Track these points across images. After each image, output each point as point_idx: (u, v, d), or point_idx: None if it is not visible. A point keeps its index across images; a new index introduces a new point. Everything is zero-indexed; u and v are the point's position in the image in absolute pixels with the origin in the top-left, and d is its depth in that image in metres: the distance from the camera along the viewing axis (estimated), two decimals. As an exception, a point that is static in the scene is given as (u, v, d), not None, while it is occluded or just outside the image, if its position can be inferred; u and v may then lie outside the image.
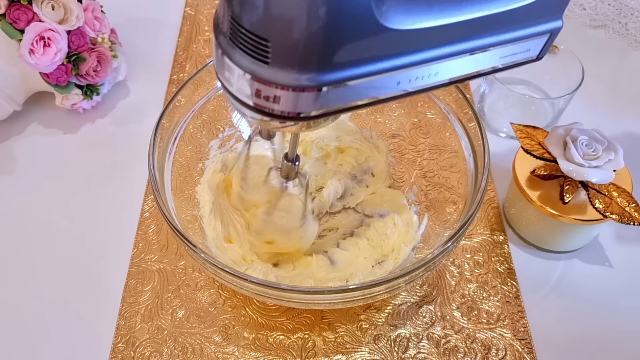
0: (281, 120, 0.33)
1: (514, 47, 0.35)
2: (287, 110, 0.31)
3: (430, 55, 0.32)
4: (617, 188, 0.50)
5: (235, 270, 0.41)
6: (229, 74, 0.31)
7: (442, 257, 0.43)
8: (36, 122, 0.67)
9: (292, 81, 0.29)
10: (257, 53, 0.29)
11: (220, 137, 0.58)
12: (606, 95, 0.70)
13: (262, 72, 0.30)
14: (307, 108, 0.31)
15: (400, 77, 0.32)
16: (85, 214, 0.59)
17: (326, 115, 0.33)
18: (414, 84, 0.33)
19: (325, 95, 0.30)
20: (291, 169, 0.46)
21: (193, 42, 0.76)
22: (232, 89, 0.32)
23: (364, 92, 0.32)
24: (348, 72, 0.30)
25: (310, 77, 0.29)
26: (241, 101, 0.32)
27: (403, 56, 0.31)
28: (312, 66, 0.29)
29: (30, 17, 0.58)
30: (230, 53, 0.30)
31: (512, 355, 0.49)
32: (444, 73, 0.34)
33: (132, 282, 0.54)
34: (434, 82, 0.34)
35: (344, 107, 0.32)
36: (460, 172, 0.52)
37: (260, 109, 0.32)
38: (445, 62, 0.33)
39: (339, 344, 0.50)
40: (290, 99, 0.30)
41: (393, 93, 0.33)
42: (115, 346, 0.50)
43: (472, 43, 0.33)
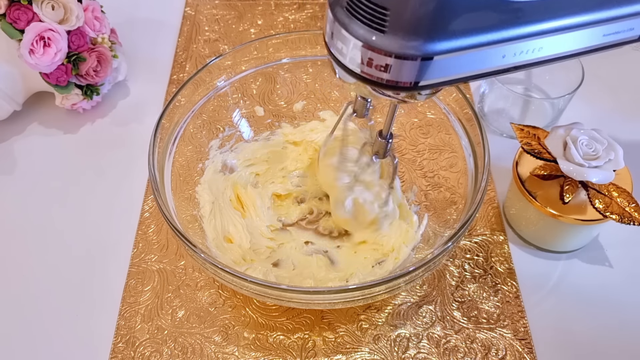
0: (388, 91, 0.34)
1: (618, 25, 0.35)
2: (397, 80, 0.32)
3: (537, 28, 0.32)
4: (617, 188, 0.50)
5: (235, 270, 0.41)
6: (342, 44, 0.32)
7: (442, 257, 0.43)
8: (36, 122, 0.67)
9: (407, 50, 0.31)
10: (374, 22, 0.30)
11: (220, 137, 0.58)
12: (606, 95, 0.70)
13: (376, 40, 0.31)
14: (417, 77, 0.32)
15: (507, 49, 0.33)
16: (85, 214, 0.59)
17: (434, 86, 0.34)
18: (519, 58, 0.34)
19: (435, 65, 0.31)
20: (383, 145, 0.46)
21: (193, 42, 0.76)
22: (345, 60, 0.33)
23: (471, 63, 0.33)
24: (458, 42, 0.31)
25: (424, 45, 0.30)
26: (354, 73, 0.33)
27: (512, 28, 0.32)
28: (427, 34, 0.30)
29: (30, 17, 0.58)
30: (346, 23, 0.32)
31: (512, 356, 0.49)
32: (547, 48, 0.34)
33: (132, 282, 0.54)
34: (537, 58, 0.34)
35: (450, 78, 0.33)
36: (460, 172, 0.52)
37: (371, 79, 0.33)
38: (549, 37, 0.33)
39: (339, 344, 0.50)
40: (403, 68, 0.31)
41: (498, 67, 0.34)
42: (115, 346, 0.50)
43: (578, 18, 0.33)
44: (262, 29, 0.78)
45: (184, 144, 0.54)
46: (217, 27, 0.78)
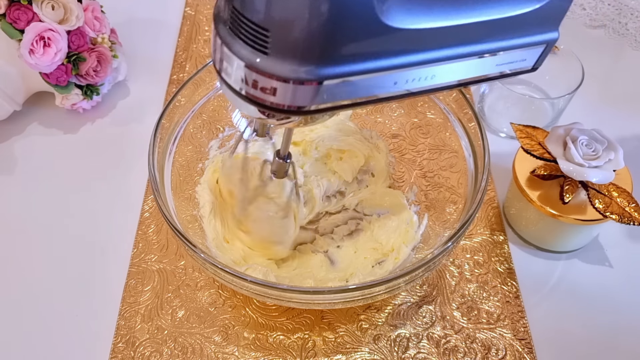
0: (277, 115, 0.33)
1: (510, 55, 0.35)
2: (283, 103, 0.31)
3: (428, 57, 0.32)
4: (617, 188, 0.50)
5: (235, 270, 0.41)
6: (227, 64, 0.31)
7: (442, 257, 0.43)
8: (36, 122, 0.67)
9: (289, 73, 0.29)
10: (256, 43, 0.29)
11: (220, 137, 0.58)
12: (606, 95, 0.70)
13: (260, 62, 0.30)
14: (303, 102, 0.31)
15: (398, 77, 0.32)
16: (85, 214, 0.59)
17: (322, 112, 0.33)
18: (411, 85, 0.33)
19: (322, 90, 0.30)
20: (282, 166, 0.46)
21: (193, 42, 0.76)
22: (230, 80, 0.32)
23: (360, 90, 0.32)
24: (346, 67, 0.30)
25: (308, 70, 0.29)
26: (238, 93, 0.32)
27: (401, 56, 0.31)
28: (310, 59, 0.29)
29: (30, 17, 0.58)
30: (229, 42, 0.30)
31: (512, 355, 0.49)
32: (440, 76, 0.34)
33: (132, 282, 0.54)
34: (430, 85, 0.34)
35: (340, 104, 0.32)
36: (460, 172, 0.52)
37: (257, 101, 0.32)
38: (441, 66, 0.33)
39: (339, 344, 0.50)
40: (287, 92, 0.30)
41: (389, 93, 0.33)
42: (115, 346, 0.50)
43: (469, 48, 0.33)
44: (262, 29, 0.78)
45: (183, 144, 0.54)
46: (217, 27, 0.78)
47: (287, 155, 0.45)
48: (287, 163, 0.45)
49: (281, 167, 0.46)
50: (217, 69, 0.33)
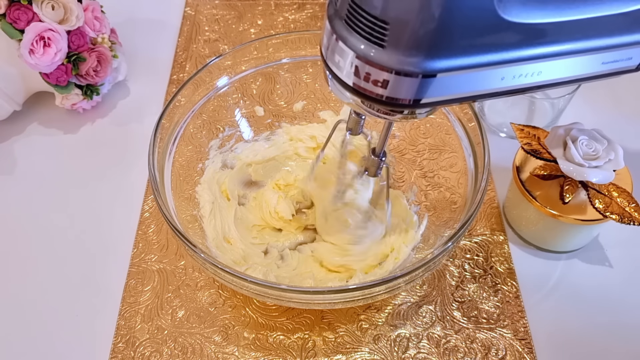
0: (383, 109, 0.33)
1: (617, 53, 0.35)
2: (396, 97, 0.32)
3: (537, 52, 0.32)
4: (617, 188, 0.50)
5: (235, 270, 0.41)
6: (341, 58, 0.32)
7: (442, 257, 0.43)
8: (36, 122, 0.67)
9: (405, 66, 0.30)
10: (373, 36, 0.30)
11: (220, 137, 0.58)
12: (606, 95, 0.70)
13: (376, 55, 0.30)
14: (416, 95, 0.32)
15: (506, 72, 0.32)
16: (85, 214, 0.59)
17: (432, 105, 0.33)
18: (517, 81, 0.34)
19: (436, 83, 0.31)
20: (375, 163, 0.46)
21: (193, 42, 0.76)
22: (342, 74, 0.33)
23: (470, 84, 0.32)
24: (459, 61, 0.30)
25: (423, 62, 0.30)
26: (351, 88, 0.33)
27: (511, 50, 0.31)
28: (426, 52, 0.30)
29: (30, 17, 0.58)
30: (345, 37, 0.31)
31: (512, 356, 0.49)
32: (546, 73, 0.34)
33: (132, 282, 0.54)
34: (535, 82, 0.34)
35: (448, 98, 0.33)
36: (461, 172, 0.52)
37: (370, 95, 0.32)
38: (549, 62, 0.33)
39: (339, 344, 0.50)
40: (401, 85, 0.31)
41: (496, 89, 0.33)
42: (115, 346, 0.50)
43: (577, 44, 0.33)
44: (262, 29, 0.78)
45: (184, 144, 0.54)
46: (217, 27, 0.78)
47: (382, 153, 0.45)
48: (382, 161, 0.45)
49: (375, 164, 0.46)
50: (328, 65, 0.33)
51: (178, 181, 0.52)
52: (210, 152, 0.57)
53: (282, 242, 0.55)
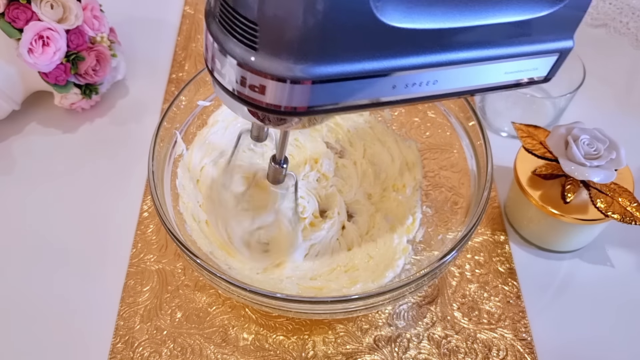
0: (273, 118, 0.31)
1: (519, 63, 0.33)
2: (275, 103, 0.30)
3: (428, 60, 0.30)
4: (618, 187, 0.49)
5: (231, 278, 0.40)
6: (219, 62, 0.30)
7: (449, 264, 0.42)
8: (35, 122, 0.67)
9: (278, 71, 0.28)
10: (245, 38, 0.28)
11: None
12: (607, 95, 0.70)
13: (249, 59, 0.28)
14: (295, 102, 0.30)
15: (396, 80, 0.31)
16: (84, 214, 0.59)
17: (317, 114, 0.31)
18: (411, 90, 0.32)
19: (315, 91, 0.29)
20: (279, 172, 0.44)
21: (192, 41, 0.76)
22: (223, 80, 0.31)
23: (356, 92, 0.30)
24: (340, 67, 0.29)
25: (298, 67, 0.28)
26: (232, 94, 0.31)
27: (398, 58, 0.29)
28: (301, 56, 0.28)
29: (29, 16, 0.57)
30: (221, 39, 0.29)
31: (513, 356, 0.49)
32: (443, 82, 0.32)
33: (131, 282, 0.53)
34: (431, 91, 0.32)
35: (337, 106, 0.31)
36: (462, 172, 0.51)
37: (250, 102, 0.30)
38: (444, 70, 0.31)
39: (339, 344, 0.50)
40: (278, 91, 0.29)
41: (388, 97, 0.32)
42: (114, 346, 0.50)
43: (473, 53, 0.31)
44: (261, 28, 0.77)
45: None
46: (216, 26, 0.78)
47: (282, 160, 0.43)
48: (283, 168, 0.44)
49: (277, 172, 0.44)
50: (210, 69, 0.32)
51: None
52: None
53: None
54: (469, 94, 0.34)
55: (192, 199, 0.52)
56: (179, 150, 0.53)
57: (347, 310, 0.42)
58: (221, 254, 0.51)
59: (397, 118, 0.59)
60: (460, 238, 0.43)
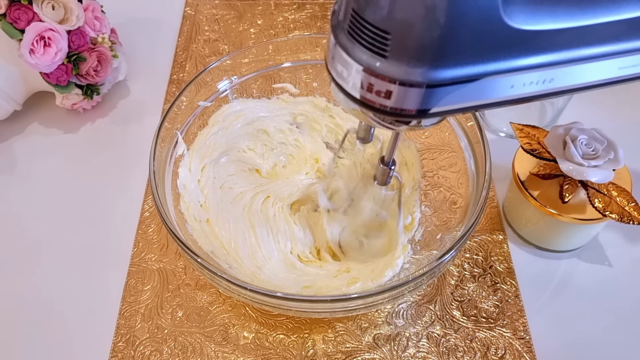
0: (389, 119, 0.33)
1: (633, 58, 0.34)
2: (401, 107, 0.31)
3: (547, 59, 0.31)
4: (616, 187, 0.50)
5: (232, 277, 0.41)
6: (344, 69, 0.31)
7: (448, 263, 0.43)
8: (36, 122, 0.67)
9: (408, 76, 0.29)
10: (375, 46, 0.29)
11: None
12: (606, 95, 0.70)
13: (378, 66, 0.30)
14: (421, 105, 0.31)
15: (515, 80, 0.32)
16: (85, 214, 0.59)
17: (439, 115, 0.32)
18: (528, 89, 0.33)
19: (441, 93, 0.30)
20: (385, 172, 0.45)
21: (193, 42, 0.76)
22: (347, 86, 0.32)
23: (478, 93, 0.31)
24: (465, 70, 0.30)
25: (427, 72, 0.29)
26: (355, 99, 0.32)
27: (520, 58, 0.31)
28: (430, 62, 0.29)
29: (30, 17, 0.58)
30: (348, 47, 0.30)
31: (512, 354, 0.49)
32: (558, 80, 0.33)
33: (132, 281, 0.54)
34: (547, 89, 0.33)
35: (457, 107, 0.32)
36: (460, 171, 0.52)
37: (374, 106, 0.32)
38: (561, 69, 0.32)
39: (339, 342, 0.50)
40: (406, 95, 0.30)
41: (506, 97, 0.33)
42: (115, 345, 0.50)
43: (591, 50, 0.32)
44: (261, 28, 0.78)
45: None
46: (217, 27, 0.78)
47: (391, 162, 0.44)
48: (391, 169, 0.45)
49: (384, 173, 0.45)
50: (333, 76, 0.33)
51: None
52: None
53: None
54: (581, 91, 0.35)
55: (193, 198, 0.52)
56: (180, 151, 0.53)
57: (347, 309, 0.42)
58: (222, 253, 0.51)
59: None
60: (459, 237, 0.43)
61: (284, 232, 0.53)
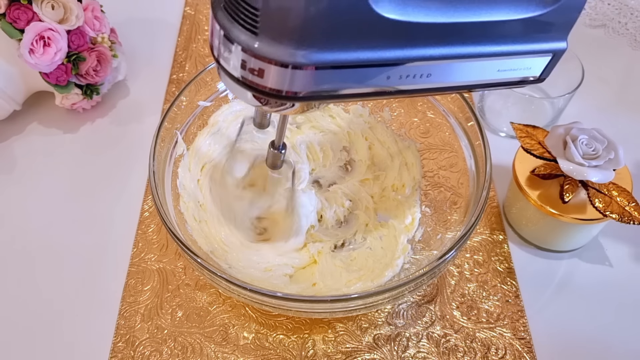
0: (273, 102, 0.33)
1: (512, 61, 0.34)
2: (273, 87, 0.31)
3: (421, 53, 0.31)
4: (617, 187, 0.50)
5: (232, 277, 0.40)
6: (223, 47, 0.31)
7: (448, 263, 0.42)
8: (36, 122, 0.67)
9: (276, 55, 0.29)
10: (247, 23, 0.29)
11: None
12: (606, 95, 0.70)
13: (251, 44, 0.29)
14: (291, 87, 0.31)
15: (391, 71, 0.31)
16: (84, 214, 0.59)
17: (314, 99, 0.32)
18: (405, 82, 0.32)
19: (312, 76, 0.30)
20: (277, 157, 0.45)
21: (193, 41, 0.76)
22: (227, 65, 0.32)
23: (351, 81, 0.31)
24: (336, 55, 0.29)
25: (296, 53, 0.29)
26: (235, 78, 0.32)
27: (393, 49, 0.30)
28: (298, 42, 0.29)
29: (30, 16, 0.58)
30: (225, 25, 0.30)
31: (512, 355, 0.49)
32: (436, 76, 0.33)
33: (131, 281, 0.54)
34: (425, 84, 0.33)
35: (332, 93, 0.32)
36: (461, 171, 0.52)
37: (251, 85, 0.32)
38: (437, 65, 0.32)
39: (339, 343, 0.50)
40: (277, 75, 0.30)
41: (382, 88, 0.32)
42: (115, 345, 0.50)
43: (466, 49, 0.32)
44: (261, 28, 0.78)
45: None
46: (217, 27, 0.78)
47: (281, 146, 0.44)
48: (282, 153, 0.45)
49: (275, 158, 0.45)
50: (215, 55, 0.33)
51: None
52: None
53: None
54: (463, 90, 0.35)
55: (193, 198, 0.52)
56: (180, 150, 0.53)
57: (347, 309, 0.42)
58: (221, 253, 0.51)
59: (396, 118, 0.59)
60: (459, 237, 0.43)
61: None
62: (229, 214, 0.53)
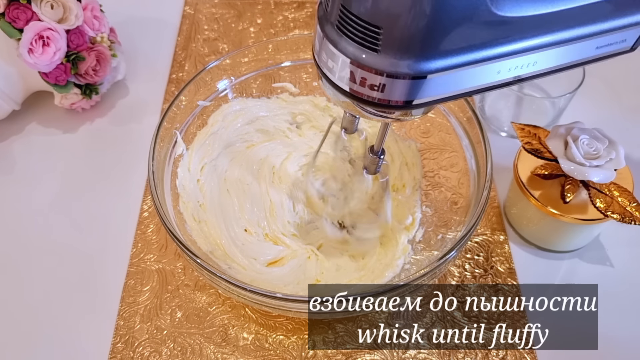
0: (380, 110, 0.33)
1: (610, 37, 0.35)
2: (389, 99, 0.32)
3: (531, 44, 0.32)
4: (618, 187, 0.49)
5: (232, 278, 0.40)
6: (333, 62, 0.32)
7: (449, 263, 0.42)
8: (35, 122, 0.67)
9: (399, 68, 0.30)
10: (366, 41, 0.30)
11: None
12: (607, 94, 0.70)
13: (369, 59, 0.30)
14: (410, 96, 0.32)
15: (501, 65, 0.33)
16: (84, 214, 0.59)
17: (427, 105, 0.33)
18: (513, 73, 0.34)
19: (429, 83, 0.31)
20: (374, 162, 0.46)
21: (192, 41, 0.76)
22: (334, 78, 0.33)
23: (466, 80, 0.32)
24: (453, 59, 0.30)
25: (417, 64, 0.30)
26: (343, 91, 0.33)
27: (505, 44, 0.32)
28: (421, 54, 0.30)
29: (29, 16, 0.58)
30: (336, 41, 0.31)
31: (513, 356, 0.49)
32: (542, 62, 0.34)
33: (131, 282, 0.53)
34: (532, 72, 0.34)
35: (444, 96, 0.33)
36: (461, 171, 0.52)
37: (363, 98, 0.32)
38: (543, 52, 0.33)
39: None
40: (396, 87, 0.31)
41: (493, 82, 0.34)
42: (114, 346, 0.50)
43: (572, 32, 0.33)
44: (261, 27, 0.78)
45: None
46: (216, 26, 0.78)
47: (380, 151, 0.45)
48: (380, 159, 0.45)
49: (374, 162, 0.46)
50: (321, 68, 0.33)
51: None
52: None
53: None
54: (564, 70, 0.37)
55: (192, 198, 0.52)
56: (179, 150, 0.53)
57: (347, 309, 0.42)
58: (221, 253, 0.51)
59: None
60: (460, 238, 0.43)
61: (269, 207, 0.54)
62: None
